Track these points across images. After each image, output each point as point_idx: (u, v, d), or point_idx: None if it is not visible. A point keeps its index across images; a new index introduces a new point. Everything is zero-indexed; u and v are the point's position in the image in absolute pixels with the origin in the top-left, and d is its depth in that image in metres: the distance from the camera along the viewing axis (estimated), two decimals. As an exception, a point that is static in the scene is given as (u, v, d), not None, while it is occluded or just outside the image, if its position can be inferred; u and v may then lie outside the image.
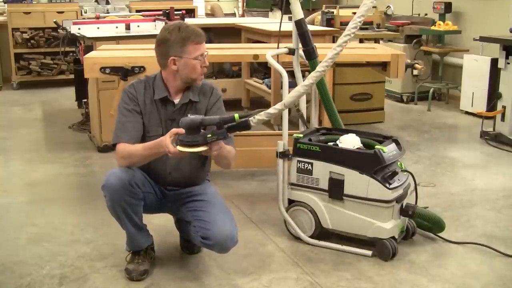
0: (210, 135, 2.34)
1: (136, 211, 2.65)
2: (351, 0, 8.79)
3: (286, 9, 3.40)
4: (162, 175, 2.75)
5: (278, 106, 2.45)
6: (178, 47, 2.63)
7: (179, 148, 2.35)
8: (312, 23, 7.10)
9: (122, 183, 2.54)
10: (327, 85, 3.36)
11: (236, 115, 2.37)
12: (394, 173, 2.96)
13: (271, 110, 2.44)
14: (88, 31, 5.27)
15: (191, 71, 2.67)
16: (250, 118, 2.39)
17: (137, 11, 7.56)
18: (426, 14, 6.91)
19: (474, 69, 6.04)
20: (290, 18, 3.53)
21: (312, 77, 2.47)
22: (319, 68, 2.50)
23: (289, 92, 3.19)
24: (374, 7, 7.27)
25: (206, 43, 2.80)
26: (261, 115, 2.41)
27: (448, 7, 6.59)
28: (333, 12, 6.79)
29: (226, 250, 2.67)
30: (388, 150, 2.92)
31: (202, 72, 2.71)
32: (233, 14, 9.21)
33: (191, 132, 2.35)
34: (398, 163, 3.06)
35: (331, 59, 2.50)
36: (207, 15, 9.20)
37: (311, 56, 3.21)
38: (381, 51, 4.42)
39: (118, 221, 2.67)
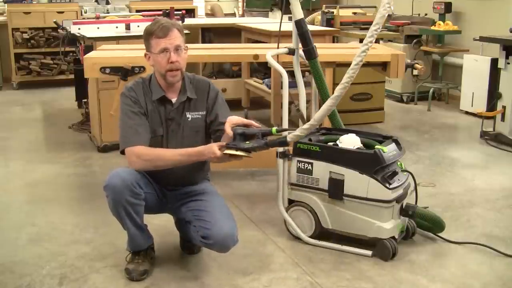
0: (248, 142, 2.58)
1: (138, 211, 2.65)
2: (351, 0, 8.79)
3: (286, 9, 3.40)
4: (163, 175, 2.75)
5: (312, 122, 2.59)
6: (146, 42, 2.71)
7: (227, 151, 2.56)
8: (312, 23, 7.10)
9: (124, 183, 2.54)
10: (327, 85, 3.36)
11: (274, 129, 2.60)
12: (394, 173, 2.96)
13: (306, 126, 2.60)
14: (88, 31, 5.26)
15: (158, 67, 2.68)
16: (288, 136, 2.64)
17: (137, 11, 7.55)
18: (426, 14, 6.91)
19: (474, 69, 6.04)
20: (290, 18, 3.53)
21: (338, 90, 2.55)
22: (344, 80, 2.56)
23: (289, 92, 3.21)
24: (374, 7, 7.29)
25: (206, 43, 2.80)
26: (297, 132, 2.62)
27: (448, 7, 6.59)
28: (333, 12, 6.79)
29: (226, 250, 2.66)
30: (388, 150, 2.92)
31: (171, 68, 2.66)
32: (233, 14, 9.21)
33: (238, 139, 2.59)
34: (398, 163, 3.06)
35: (353, 70, 2.54)
36: (207, 15, 9.19)
37: (311, 56, 3.21)
38: (381, 51, 4.42)
39: (119, 221, 2.67)
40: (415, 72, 4.21)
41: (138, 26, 5.59)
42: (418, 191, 3.09)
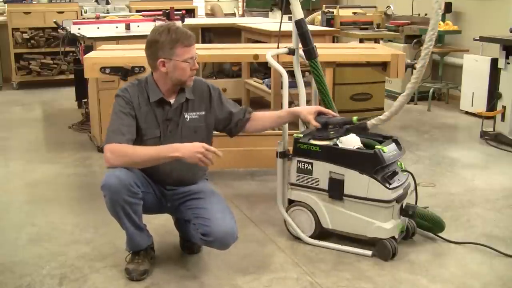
0: (332, 133, 2.83)
1: (136, 211, 2.65)
2: (351, 0, 8.79)
3: (286, 9, 3.40)
4: (162, 175, 2.75)
5: (388, 113, 2.78)
6: (168, 49, 2.63)
7: (313, 142, 2.81)
8: (312, 23, 7.10)
9: (121, 182, 2.54)
10: (327, 85, 3.36)
11: (355, 118, 2.83)
12: (394, 173, 2.96)
13: (383, 117, 2.79)
14: (88, 31, 5.26)
15: (180, 74, 2.67)
16: (367, 122, 2.81)
17: (137, 11, 7.56)
18: (426, 14, 6.91)
19: (474, 69, 6.05)
20: (290, 18, 3.53)
21: (408, 88, 2.70)
22: (412, 80, 2.71)
23: (289, 92, 3.21)
24: (374, 7, 7.29)
25: (206, 43, 2.81)
26: (375, 120, 2.79)
27: (448, 7, 6.59)
28: (333, 12, 6.79)
29: (226, 246, 2.67)
30: (388, 150, 2.92)
31: (192, 74, 2.72)
32: (233, 14, 9.21)
33: (322, 129, 2.83)
34: (398, 163, 3.06)
35: (420, 71, 2.65)
36: (207, 15, 9.20)
37: (311, 56, 3.21)
38: (381, 51, 4.42)
39: (118, 221, 2.67)
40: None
41: (138, 26, 5.60)
42: (418, 191, 3.09)
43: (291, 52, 3.31)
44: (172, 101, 2.75)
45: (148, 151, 2.58)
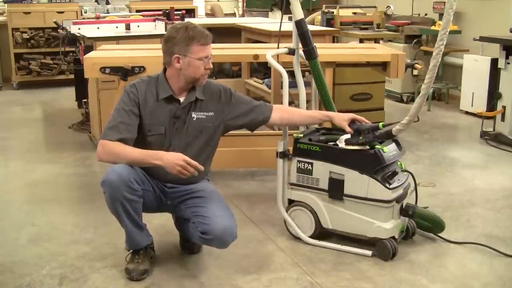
0: (361, 138, 2.92)
1: (135, 208, 2.65)
2: (351, 0, 8.79)
3: (286, 9, 3.40)
4: (162, 173, 2.75)
5: (408, 117, 2.80)
6: (183, 46, 2.68)
7: (349, 147, 2.92)
8: (312, 23, 7.10)
9: (121, 179, 2.55)
10: (327, 85, 3.36)
11: (380, 124, 2.91)
12: (394, 173, 2.96)
13: (404, 121, 2.82)
14: (88, 31, 5.27)
15: (194, 71, 2.71)
16: (392, 129, 2.85)
17: (137, 11, 7.57)
18: (426, 14, 6.91)
19: (474, 69, 6.05)
20: (290, 18, 3.53)
21: (423, 89, 2.75)
22: (426, 81, 2.74)
23: (289, 92, 3.21)
24: (374, 7, 7.29)
25: (206, 43, 2.80)
26: (399, 125, 2.83)
27: (448, 7, 6.58)
28: (333, 12, 6.79)
29: (225, 245, 2.67)
30: (388, 150, 2.92)
31: (206, 73, 2.76)
32: (233, 14, 9.21)
33: (354, 135, 2.95)
34: (398, 163, 3.06)
35: (433, 71, 2.68)
36: (207, 15, 9.20)
37: (311, 56, 3.21)
38: (381, 51, 4.41)
39: (117, 217, 2.67)
40: (415, 72, 4.22)
41: (138, 26, 5.60)
42: (418, 191, 3.09)
43: (291, 52, 3.31)
44: (182, 99, 2.77)
45: (134, 153, 2.61)
